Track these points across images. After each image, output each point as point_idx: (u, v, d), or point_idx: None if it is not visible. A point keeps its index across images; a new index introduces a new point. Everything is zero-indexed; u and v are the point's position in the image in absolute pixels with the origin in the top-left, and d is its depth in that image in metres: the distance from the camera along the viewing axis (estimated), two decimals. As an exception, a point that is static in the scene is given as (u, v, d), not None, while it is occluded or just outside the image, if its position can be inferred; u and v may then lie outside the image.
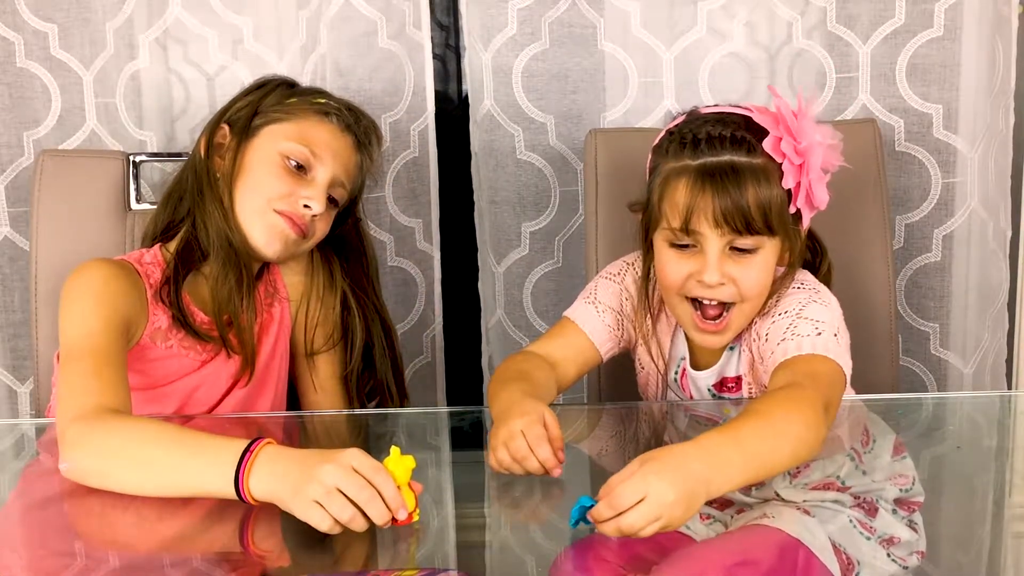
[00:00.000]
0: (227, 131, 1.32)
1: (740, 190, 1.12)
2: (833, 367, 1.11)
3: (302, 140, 1.30)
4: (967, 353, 1.67)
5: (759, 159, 1.14)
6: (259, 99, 1.33)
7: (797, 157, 1.14)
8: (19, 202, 1.65)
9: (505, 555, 1.03)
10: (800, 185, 1.15)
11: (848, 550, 0.96)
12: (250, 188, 1.29)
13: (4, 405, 1.72)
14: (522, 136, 1.66)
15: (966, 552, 1.00)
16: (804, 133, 1.15)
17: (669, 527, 0.91)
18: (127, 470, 1.03)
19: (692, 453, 0.95)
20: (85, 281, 1.22)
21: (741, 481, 0.98)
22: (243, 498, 0.98)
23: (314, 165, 1.30)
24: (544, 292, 1.72)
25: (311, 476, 0.94)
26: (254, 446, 0.98)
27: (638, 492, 0.89)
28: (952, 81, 1.59)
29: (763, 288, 1.18)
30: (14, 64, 1.63)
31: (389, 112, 1.66)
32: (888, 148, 1.59)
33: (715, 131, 1.15)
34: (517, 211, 1.69)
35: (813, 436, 1.01)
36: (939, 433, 1.31)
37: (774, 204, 1.13)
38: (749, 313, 1.19)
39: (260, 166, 1.29)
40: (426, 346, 1.75)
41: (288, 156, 1.29)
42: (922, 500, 1.05)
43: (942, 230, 1.63)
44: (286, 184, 1.28)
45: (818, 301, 1.17)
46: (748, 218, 1.12)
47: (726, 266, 1.15)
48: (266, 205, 1.28)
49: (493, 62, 1.63)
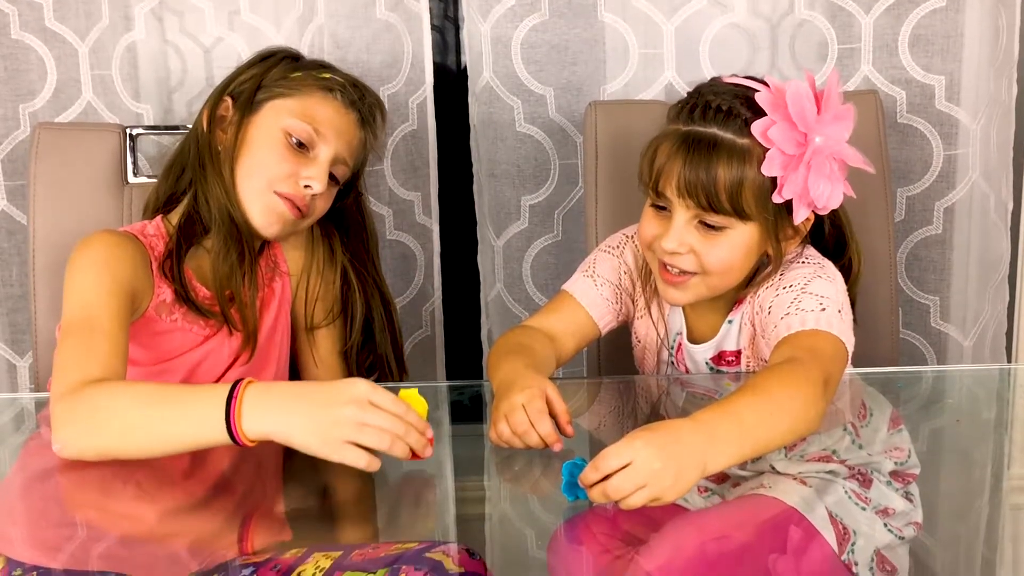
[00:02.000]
0: (230, 104, 1.31)
1: (710, 166, 1.10)
2: (835, 343, 1.10)
3: (305, 117, 1.28)
4: (967, 326, 1.67)
5: (745, 140, 1.11)
6: (263, 72, 1.32)
7: (792, 147, 1.09)
8: (15, 175, 1.64)
9: (505, 528, 1.03)
10: (789, 177, 1.10)
11: (844, 520, 0.97)
12: (252, 166, 1.28)
13: (3, 379, 1.72)
14: (521, 108, 1.65)
15: (964, 524, 1.00)
16: (811, 123, 1.10)
17: (660, 499, 0.91)
18: (118, 438, 1.03)
19: (687, 427, 0.95)
20: (88, 253, 1.21)
21: (739, 456, 0.98)
22: (237, 441, 0.98)
23: (317, 143, 1.28)
24: (543, 265, 1.71)
25: (330, 418, 0.96)
26: (237, 388, 0.98)
27: (624, 457, 0.90)
28: (955, 52, 1.58)
29: (728, 267, 1.15)
30: (9, 36, 1.61)
31: (387, 84, 1.65)
32: (890, 120, 1.58)
33: (715, 102, 1.13)
34: (516, 184, 1.68)
35: (812, 412, 1.01)
36: (939, 406, 1.31)
37: (749, 188, 1.10)
38: (715, 287, 1.18)
39: (262, 143, 1.28)
40: (425, 320, 1.75)
41: (291, 133, 1.27)
42: (917, 472, 1.06)
43: (943, 202, 1.63)
44: (288, 163, 1.27)
45: (823, 276, 1.16)
46: (712, 196, 1.10)
47: (690, 237, 1.14)
48: (267, 186, 1.27)
49: (492, 33, 1.62)
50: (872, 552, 0.96)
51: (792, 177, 1.10)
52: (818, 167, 1.10)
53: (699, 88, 1.18)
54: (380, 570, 0.93)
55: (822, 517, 0.96)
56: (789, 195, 1.11)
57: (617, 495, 0.91)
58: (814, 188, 1.11)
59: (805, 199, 1.12)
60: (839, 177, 1.13)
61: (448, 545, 0.94)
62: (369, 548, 0.97)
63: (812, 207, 1.15)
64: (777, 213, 1.13)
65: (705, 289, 1.18)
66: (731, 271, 1.16)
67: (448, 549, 0.93)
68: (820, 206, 1.14)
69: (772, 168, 1.10)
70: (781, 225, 1.15)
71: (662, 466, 0.90)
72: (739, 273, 1.17)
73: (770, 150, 1.10)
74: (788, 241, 1.18)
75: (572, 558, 0.98)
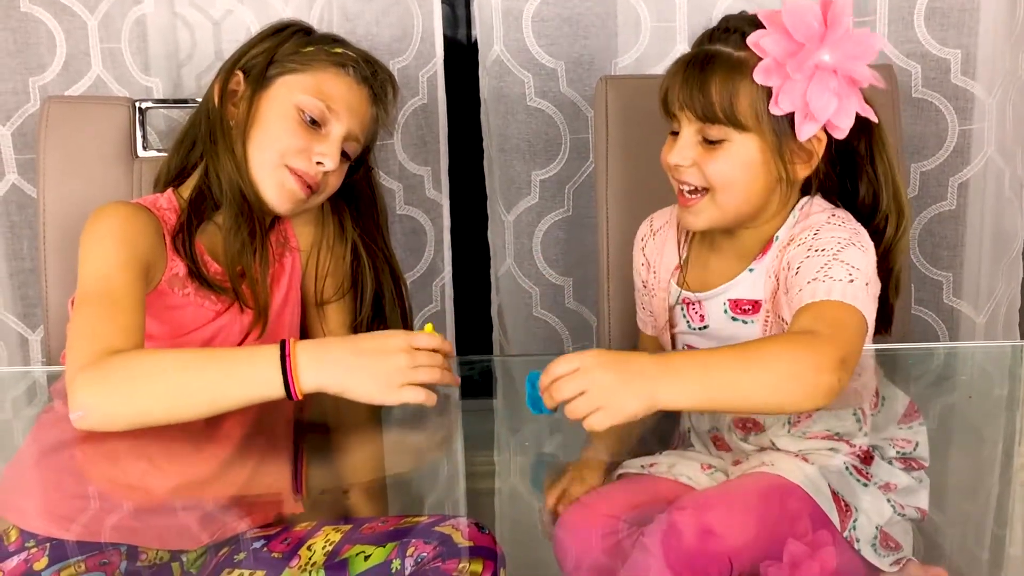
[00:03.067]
0: (241, 79, 1.30)
1: (705, 79, 1.12)
2: (858, 319, 1.07)
3: (318, 94, 1.27)
4: (980, 303, 1.66)
5: (742, 52, 1.12)
6: (275, 46, 1.31)
7: (786, 56, 1.09)
8: (26, 149, 1.64)
9: (514, 502, 1.04)
10: (785, 87, 1.09)
11: (846, 496, 0.96)
12: (264, 141, 1.27)
13: (15, 352, 1.73)
14: (532, 82, 1.64)
15: (974, 501, 1.00)
16: (814, 36, 1.09)
17: (602, 410, 0.93)
18: (159, 402, 1.04)
19: (646, 358, 0.98)
20: (103, 224, 1.21)
21: (696, 401, 0.98)
22: (292, 394, 1.03)
23: (329, 120, 1.27)
24: (554, 241, 1.71)
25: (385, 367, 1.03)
26: (287, 346, 1.04)
27: (573, 364, 0.95)
28: (971, 26, 1.56)
29: (732, 180, 1.14)
30: (18, 9, 1.61)
31: (397, 58, 1.64)
32: (904, 94, 1.56)
33: (723, 24, 1.16)
34: (527, 159, 1.67)
35: (812, 382, 0.97)
36: (950, 383, 1.30)
37: (743, 97, 1.11)
38: (724, 206, 1.15)
39: (274, 118, 1.27)
40: (435, 295, 1.75)
41: (303, 109, 1.27)
42: (927, 464, 1.04)
43: (958, 178, 1.61)
44: (300, 139, 1.26)
45: (856, 244, 1.12)
46: (707, 107, 1.12)
47: (692, 151, 1.14)
48: (279, 160, 1.27)
49: (503, 6, 1.60)
50: (875, 528, 0.96)
51: (788, 87, 1.09)
52: (821, 80, 1.09)
53: (725, 17, 1.19)
54: (389, 544, 0.94)
55: (825, 495, 0.96)
56: (787, 106, 1.10)
57: (560, 396, 0.94)
58: (815, 100, 1.09)
59: (805, 112, 1.11)
60: (849, 94, 1.11)
61: (457, 519, 0.95)
62: (378, 522, 0.98)
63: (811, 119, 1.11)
64: (779, 129, 1.12)
65: (716, 211, 1.16)
66: (734, 187, 1.14)
67: (457, 523, 0.94)
68: (821, 120, 1.11)
69: (763, 77, 1.10)
70: (786, 143, 1.13)
71: (608, 380, 0.94)
72: (745, 192, 1.15)
73: (763, 60, 1.10)
74: (799, 164, 1.15)
75: (580, 536, 0.98)
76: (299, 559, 0.97)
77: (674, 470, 1.07)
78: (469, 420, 1.19)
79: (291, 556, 0.98)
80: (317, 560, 0.96)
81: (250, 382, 1.04)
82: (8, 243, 1.68)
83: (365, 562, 0.94)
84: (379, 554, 0.94)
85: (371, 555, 0.94)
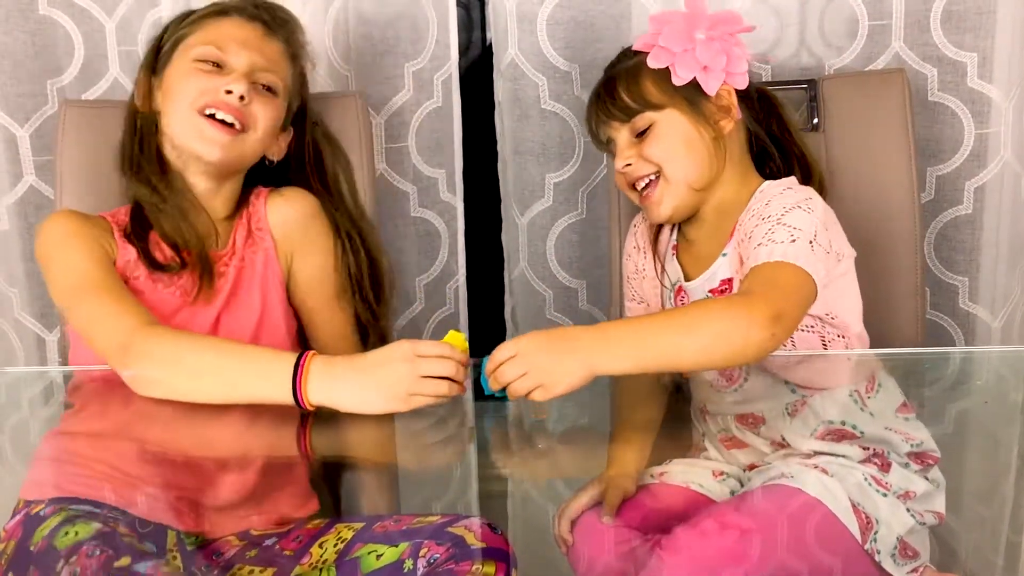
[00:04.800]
0: (142, 76, 1.34)
1: (612, 89, 1.28)
2: (799, 276, 1.11)
3: (207, 41, 1.29)
4: (996, 307, 1.65)
5: (633, 60, 1.29)
6: (161, 34, 1.35)
7: (678, 44, 1.24)
8: (43, 150, 1.66)
9: (527, 505, 1.04)
10: (679, 61, 1.24)
11: (866, 509, 0.96)
12: (174, 102, 1.28)
13: (32, 353, 1.74)
14: (546, 86, 1.64)
15: (990, 506, 0.99)
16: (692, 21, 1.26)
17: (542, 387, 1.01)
18: (184, 378, 1.08)
19: (580, 330, 1.06)
20: (51, 235, 1.24)
21: (632, 366, 1.03)
22: (300, 404, 1.03)
23: (226, 60, 1.28)
24: (568, 243, 1.71)
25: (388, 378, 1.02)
26: (303, 358, 1.04)
27: (511, 349, 1.03)
28: (988, 29, 1.55)
29: (673, 153, 1.25)
30: (36, 11, 1.62)
31: (412, 61, 1.64)
32: (920, 98, 1.56)
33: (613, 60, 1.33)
34: (541, 162, 1.68)
35: (742, 338, 1.03)
36: (966, 387, 1.30)
37: (649, 86, 1.26)
38: (678, 182, 1.26)
39: (178, 80, 1.29)
40: (449, 297, 1.75)
41: (199, 59, 1.28)
42: (937, 455, 1.05)
43: (974, 182, 1.60)
44: (203, 81, 1.27)
45: (802, 207, 1.18)
46: (623, 107, 1.26)
47: (631, 150, 1.27)
48: (189, 109, 1.26)
49: (517, 10, 1.60)
50: (895, 539, 0.96)
51: (680, 59, 1.24)
52: (703, 45, 1.25)
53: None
54: (402, 543, 0.94)
55: (845, 507, 0.96)
56: (685, 74, 1.24)
57: (504, 379, 1.02)
58: (706, 59, 1.24)
59: (706, 71, 1.24)
60: (731, 49, 1.26)
61: (470, 520, 0.95)
62: (391, 521, 0.98)
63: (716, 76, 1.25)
64: (690, 95, 1.25)
65: (672, 188, 1.26)
66: (677, 157, 1.25)
67: (470, 524, 0.94)
68: (717, 69, 1.25)
69: (656, 61, 1.25)
70: (702, 104, 1.25)
71: (544, 357, 1.01)
72: (691, 161, 1.25)
73: (653, 49, 1.25)
74: (721, 121, 1.26)
75: (594, 544, 0.98)
76: (310, 556, 0.98)
77: (685, 478, 1.07)
78: (482, 423, 1.19)
79: (302, 554, 0.99)
80: (328, 558, 0.97)
81: (264, 381, 1.05)
82: (26, 244, 1.70)
83: (377, 561, 0.95)
84: (391, 553, 0.94)
85: (383, 554, 0.95)
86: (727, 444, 1.10)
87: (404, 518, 0.99)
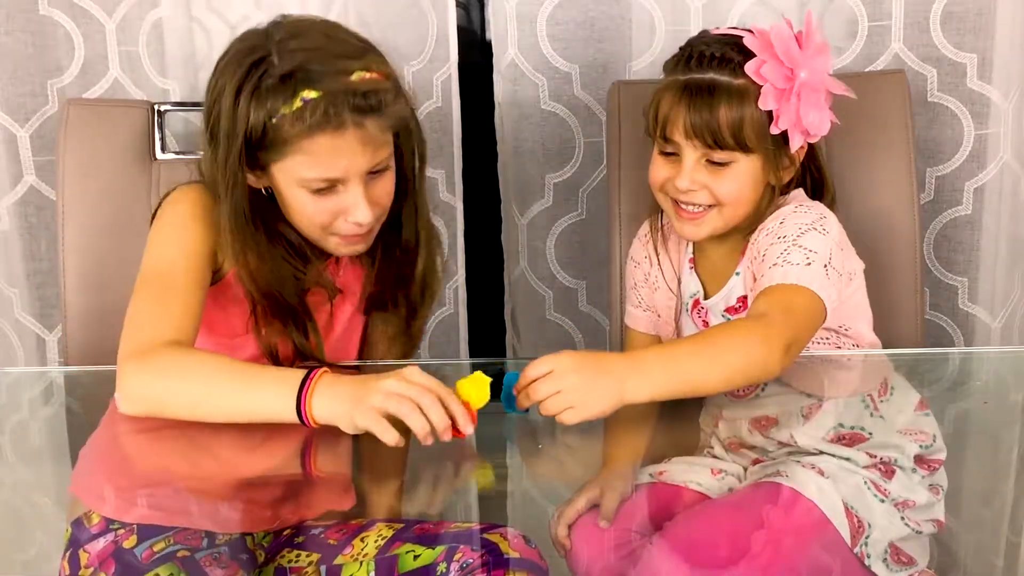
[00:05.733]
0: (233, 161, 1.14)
1: (712, 107, 1.18)
2: (813, 303, 1.13)
3: (314, 167, 1.13)
4: (995, 308, 1.65)
5: (740, 80, 1.19)
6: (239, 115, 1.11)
7: (782, 82, 1.18)
8: (44, 151, 1.66)
9: (526, 506, 1.04)
10: (783, 109, 1.19)
11: (860, 512, 0.96)
12: (292, 211, 1.18)
13: (32, 353, 1.74)
14: (546, 86, 1.64)
15: (989, 507, 0.99)
16: (796, 58, 1.18)
17: (573, 408, 0.99)
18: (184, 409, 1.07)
19: (615, 357, 1.05)
20: (177, 207, 1.20)
21: (660, 393, 1.04)
22: (304, 421, 1.02)
23: (337, 184, 1.15)
24: (568, 244, 1.71)
25: (373, 388, 0.99)
26: (313, 374, 1.02)
27: (547, 365, 1.01)
28: (987, 30, 1.55)
29: (739, 196, 1.22)
30: (37, 11, 1.62)
31: (412, 62, 1.64)
32: (920, 99, 1.56)
33: (708, 50, 1.21)
34: (541, 162, 1.68)
35: (757, 369, 1.06)
36: (966, 388, 1.30)
37: (749, 123, 1.19)
38: (729, 218, 1.23)
39: (289, 196, 1.17)
40: (449, 298, 1.75)
41: (309, 187, 1.15)
42: (943, 457, 1.05)
43: (973, 183, 1.61)
44: (323, 207, 1.16)
45: (818, 228, 1.19)
46: (718, 134, 1.19)
47: (700, 175, 1.21)
48: (319, 230, 1.18)
49: (517, 10, 1.61)
50: (886, 544, 0.96)
51: (785, 108, 1.19)
52: (807, 98, 1.19)
53: (691, 41, 1.25)
54: (439, 547, 0.96)
55: (837, 510, 0.96)
56: (785, 126, 1.19)
57: (537, 396, 1.00)
58: (806, 117, 1.20)
59: (799, 127, 1.20)
60: (825, 106, 1.22)
61: (506, 528, 0.96)
62: (430, 524, 1.00)
63: (805, 135, 1.22)
64: (775, 144, 1.21)
65: (720, 222, 1.24)
66: (741, 201, 1.22)
67: (506, 532, 0.95)
68: (812, 133, 1.22)
69: (768, 102, 1.18)
70: (780, 156, 1.22)
71: (579, 379, 1.00)
72: (748, 204, 1.23)
73: (764, 86, 1.18)
74: (785, 170, 1.24)
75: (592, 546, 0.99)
76: (352, 548, 1.00)
77: (684, 476, 1.07)
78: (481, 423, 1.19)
79: (345, 545, 1.01)
80: (369, 552, 0.99)
81: (265, 405, 1.04)
82: (26, 244, 1.70)
83: (414, 561, 0.96)
84: (428, 555, 0.96)
85: (420, 555, 0.96)
86: (733, 446, 1.10)
87: (443, 523, 1.01)
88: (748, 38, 1.20)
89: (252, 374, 1.08)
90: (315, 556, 1.01)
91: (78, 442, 1.18)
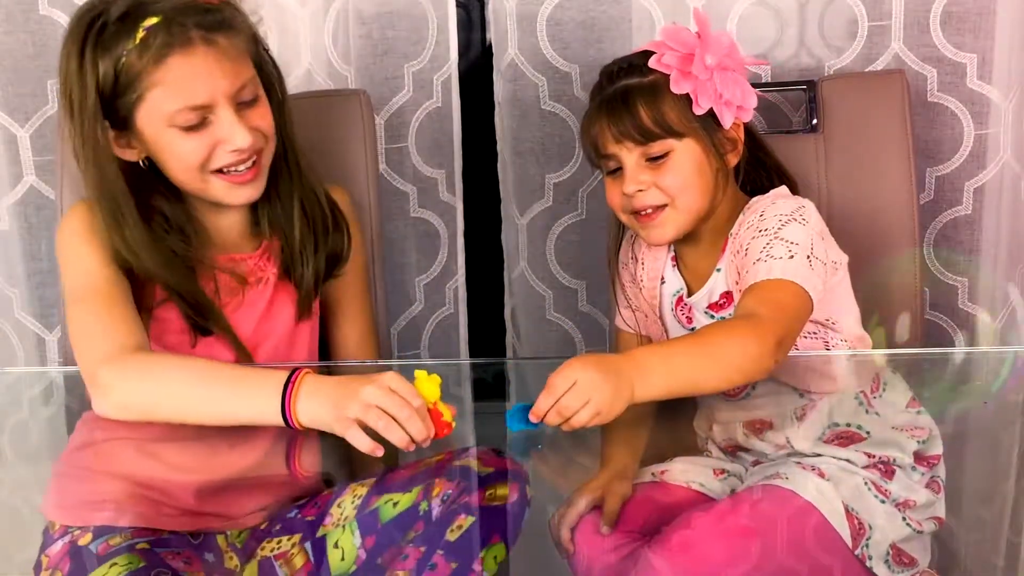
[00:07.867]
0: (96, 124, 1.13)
1: (631, 108, 1.22)
2: (799, 297, 1.14)
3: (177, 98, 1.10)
4: (996, 307, 1.65)
5: (650, 76, 1.24)
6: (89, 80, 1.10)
7: (685, 64, 1.22)
8: (44, 150, 1.66)
9: (527, 505, 1.03)
10: (700, 89, 1.22)
11: (860, 514, 0.96)
12: (169, 163, 1.16)
13: (32, 353, 1.74)
14: (546, 86, 1.64)
15: (989, 507, 0.99)
16: (692, 44, 1.23)
17: (601, 414, 1.00)
18: (170, 411, 1.06)
19: (619, 358, 1.05)
20: (73, 225, 1.20)
21: (663, 392, 1.04)
22: (290, 424, 1.01)
23: (207, 116, 1.13)
24: (568, 244, 1.71)
25: (352, 395, 0.98)
26: (295, 376, 1.02)
27: (570, 379, 1.00)
28: (987, 30, 1.55)
29: (685, 185, 1.23)
30: (37, 11, 1.62)
31: (412, 61, 1.64)
32: (920, 99, 1.56)
33: (615, 67, 1.27)
34: (541, 162, 1.68)
35: (752, 366, 1.07)
36: (966, 388, 1.30)
37: (669, 109, 1.22)
38: (686, 212, 1.25)
39: (164, 146, 1.15)
40: (449, 298, 1.75)
41: (176, 125, 1.12)
42: (940, 453, 1.05)
43: (973, 183, 1.61)
44: (198, 143, 1.13)
45: (798, 219, 1.19)
46: (643, 128, 1.22)
47: (643, 175, 1.23)
48: (199, 172, 1.15)
49: (517, 10, 1.61)
50: (888, 545, 0.96)
51: (701, 88, 1.22)
52: (722, 76, 1.23)
53: (601, 69, 1.31)
54: (415, 488, 0.97)
55: (837, 512, 0.96)
56: (706, 104, 1.22)
57: (568, 412, 1.00)
58: (727, 91, 1.22)
59: (724, 103, 1.23)
60: (744, 81, 1.26)
61: (471, 449, 0.97)
62: (401, 470, 1.01)
63: (735, 110, 1.24)
64: (706, 125, 1.23)
65: (680, 218, 1.25)
66: (690, 190, 1.24)
67: (473, 452, 0.96)
68: (743, 107, 1.25)
69: (680, 86, 1.22)
70: (716, 137, 1.24)
71: (603, 383, 1.00)
72: (700, 192, 1.24)
73: (672, 73, 1.22)
74: (729, 154, 1.26)
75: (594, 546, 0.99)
76: (332, 517, 1.00)
77: (686, 477, 1.07)
78: (481, 423, 1.19)
79: (323, 516, 1.01)
80: (348, 514, 1.00)
81: (252, 407, 1.04)
82: (26, 244, 1.70)
83: (394, 508, 0.97)
84: (406, 499, 0.97)
85: (399, 501, 0.97)
86: (731, 450, 1.10)
87: (411, 464, 1.01)
88: (650, 43, 1.27)
89: (233, 375, 1.08)
90: (296, 536, 1.01)
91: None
